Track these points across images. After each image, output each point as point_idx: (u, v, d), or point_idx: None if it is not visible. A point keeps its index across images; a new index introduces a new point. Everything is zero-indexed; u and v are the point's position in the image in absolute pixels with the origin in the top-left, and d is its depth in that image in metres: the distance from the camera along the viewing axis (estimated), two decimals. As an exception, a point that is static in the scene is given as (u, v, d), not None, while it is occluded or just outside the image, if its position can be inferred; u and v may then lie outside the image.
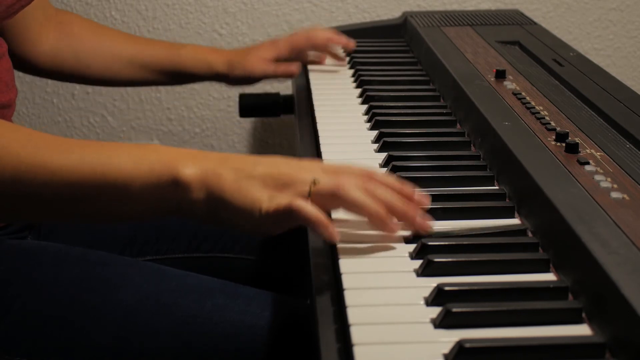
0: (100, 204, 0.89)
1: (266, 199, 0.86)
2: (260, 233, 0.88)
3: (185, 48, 1.48)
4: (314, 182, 0.86)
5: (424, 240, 0.86)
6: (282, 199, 0.85)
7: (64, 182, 0.87)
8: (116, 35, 1.47)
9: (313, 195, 0.86)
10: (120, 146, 0.91)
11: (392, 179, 0.91)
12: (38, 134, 0.90)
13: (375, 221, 0.87)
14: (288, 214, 0.85)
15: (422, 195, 0.90)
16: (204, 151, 0.91)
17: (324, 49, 1.54)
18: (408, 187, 0.90)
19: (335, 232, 0.85)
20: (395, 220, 0.88)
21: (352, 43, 1.54)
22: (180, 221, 1.31)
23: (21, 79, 1.98)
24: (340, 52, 1.57)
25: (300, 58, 1.52)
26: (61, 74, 1.43)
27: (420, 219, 0.88)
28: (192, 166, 0.87)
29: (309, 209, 0.84)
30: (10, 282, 1.04)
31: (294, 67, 1.49)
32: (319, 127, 1.24)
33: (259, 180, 0.87)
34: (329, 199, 0.86)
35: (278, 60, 1.49)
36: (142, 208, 0.89)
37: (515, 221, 0.93)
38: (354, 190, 0.86)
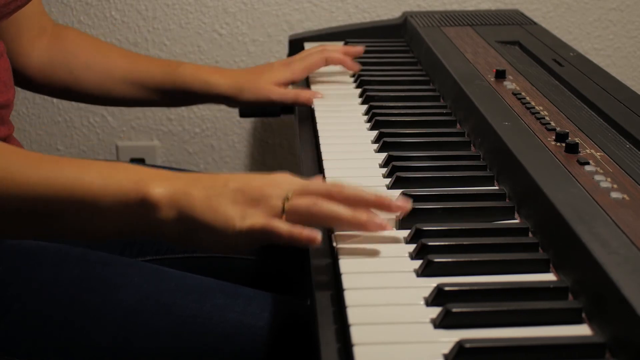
0: (69, 220, 0.88)
1: (238, 217, 0.86)
2: (233, 251, 0.88)
3: (184, 66, 1.39)
4: (287, 198, 0.86)
5: (424, 240, 0.86)
6: (256, 218, 0.86)
7: (32, 197, 0.87)
8: (112, 50, 1.41)
9: (287, 214, 0.86)
10: (92, 163, 0.90)
11: (358, 191, 0.89)
12: (9, 147, 0.90)
13: (356, 226, 0.87)
14: (262, 234, 0.86)
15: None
16: (175, 172, 0.90)
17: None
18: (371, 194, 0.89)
19: (312, 234, 0.85)
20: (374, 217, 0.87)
21: (357, 67, 1.46)
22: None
23: (21, 79, 1.98)
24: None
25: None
26: (53, 89, 1.37)
27: (396, 203, 0.88)
28: (161, 186, 0.86)
29: (283, 228, 0.85)
30: (10, 282, 1.04)
31: (316, 94, 1.39)
32: (319, 127, 1.24)
33: (230, 197, 0.86)
34: (304, 217, 0.86)
35: (293, 83, 1.42)
36: (112, 226, 0.89)
37: (515, 221, 0.93)
38: (327, 204, 0.86)
